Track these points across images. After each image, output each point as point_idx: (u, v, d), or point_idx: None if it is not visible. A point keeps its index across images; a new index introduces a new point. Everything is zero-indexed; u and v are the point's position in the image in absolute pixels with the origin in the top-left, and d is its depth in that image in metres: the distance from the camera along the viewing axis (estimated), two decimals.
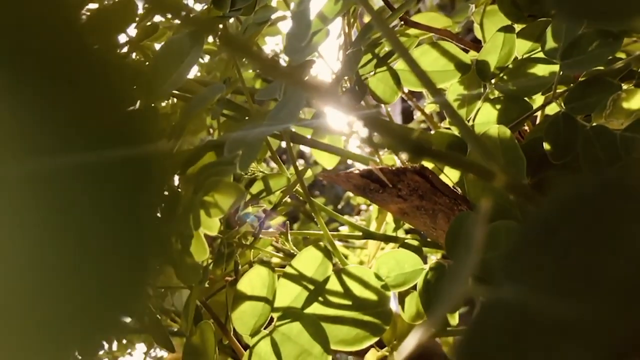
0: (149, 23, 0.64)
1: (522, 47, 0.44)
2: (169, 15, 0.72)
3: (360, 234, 0.52)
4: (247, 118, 0.54)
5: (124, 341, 1.13)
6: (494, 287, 0.13)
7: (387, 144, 0.35)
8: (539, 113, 0.48)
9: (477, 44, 0.55)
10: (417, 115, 1.07)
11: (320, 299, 0.39)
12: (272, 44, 1.62)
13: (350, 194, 1.02)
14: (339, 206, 1.20)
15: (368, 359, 0.59)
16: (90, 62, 0.12)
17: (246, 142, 0.36)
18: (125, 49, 0.65)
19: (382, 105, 0.53)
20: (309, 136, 0.56)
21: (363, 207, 1.28)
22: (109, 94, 0.13)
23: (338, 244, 0.83)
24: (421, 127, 0.98)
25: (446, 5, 1.59)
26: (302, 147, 1.49)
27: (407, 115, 1.79)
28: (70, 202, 0.12)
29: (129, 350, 1.11)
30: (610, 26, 0.35)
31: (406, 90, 0.64)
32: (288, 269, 0.41)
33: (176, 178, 0.47)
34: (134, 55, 0.65)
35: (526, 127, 0.52)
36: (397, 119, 1.81)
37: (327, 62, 0.59)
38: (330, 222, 1.03)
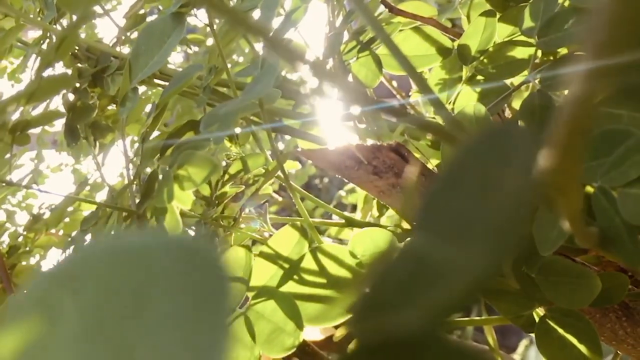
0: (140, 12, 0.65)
1: (503, 31, 0.44)
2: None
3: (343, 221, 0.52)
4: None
5: None
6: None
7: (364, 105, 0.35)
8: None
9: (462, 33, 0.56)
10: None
11: (295, 277, 0.39)
12: None
13: (342, 192, 1.02)
14: (331, 205, 1.20)
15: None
16: None
17: (220, 116, 0.35)
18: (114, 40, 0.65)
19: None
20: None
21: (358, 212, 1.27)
22: None
23: (327, 240, 0.83)
24: None
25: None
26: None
27: None
28: None
29: None
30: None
31: (395, 85, 0.65)
32: (264, 249, 0.41)
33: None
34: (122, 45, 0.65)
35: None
36: None
37: (314, 51, 0.59)
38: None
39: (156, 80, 0.64)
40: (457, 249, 0.11)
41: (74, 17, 0.60)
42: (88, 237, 0.75)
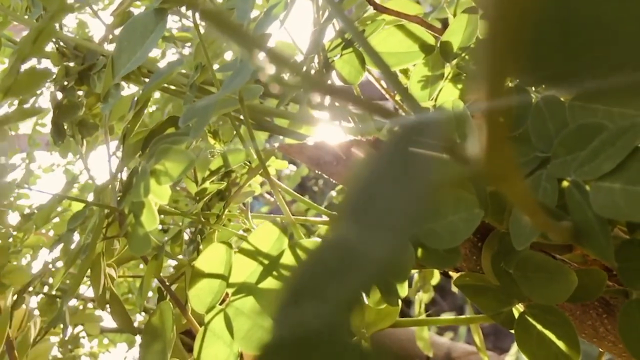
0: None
1: None
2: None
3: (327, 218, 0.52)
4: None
5: (105, 340, 1.12)
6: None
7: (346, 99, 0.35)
8: None
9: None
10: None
11: (274, 273, 0.39)
12: None
13: (333, 193, 1.02)
14: (322, 206, 1.20)
15: None
16: None
17: (198, 111, 0.35)
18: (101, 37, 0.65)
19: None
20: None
21: None
22: None
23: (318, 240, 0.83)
24: None
25: None
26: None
27: None
28: None
29: (109, 350, 1.10)
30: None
31: (385, 86, 0.65)
32: (244, 245, 0.41)
33: None
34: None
35: None
36: None
37: (301, 50, 0.59)
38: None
39: (144, 79, 0.64)
40: (362, 240, 0.11)
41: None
42: (76, 236, 0.75)
